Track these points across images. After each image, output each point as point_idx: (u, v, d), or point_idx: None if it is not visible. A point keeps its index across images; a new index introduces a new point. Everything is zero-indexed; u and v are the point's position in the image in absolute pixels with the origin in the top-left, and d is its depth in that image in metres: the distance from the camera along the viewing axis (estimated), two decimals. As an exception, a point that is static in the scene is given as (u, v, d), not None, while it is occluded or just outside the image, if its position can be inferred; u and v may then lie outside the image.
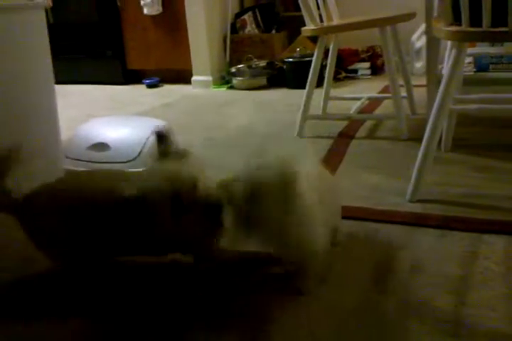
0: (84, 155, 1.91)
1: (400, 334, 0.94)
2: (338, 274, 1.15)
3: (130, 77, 3.82)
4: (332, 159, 1.88)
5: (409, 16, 2.10)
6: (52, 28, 1.82)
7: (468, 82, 2.17)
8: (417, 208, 1.43)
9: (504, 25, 1.28)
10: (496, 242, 1.23)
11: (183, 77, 3.67)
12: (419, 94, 2.29)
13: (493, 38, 1.37)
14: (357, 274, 1.14)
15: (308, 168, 1.04)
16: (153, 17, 3.58)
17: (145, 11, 3.54)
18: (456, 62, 1.38)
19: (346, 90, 3.07)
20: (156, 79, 3.70)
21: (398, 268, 1.16)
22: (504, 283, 1.07)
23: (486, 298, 1.03)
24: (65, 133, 1.95)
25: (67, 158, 1.93)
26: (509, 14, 1.26)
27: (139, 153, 1.85)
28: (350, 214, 1.40)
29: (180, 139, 1.23)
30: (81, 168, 1.90)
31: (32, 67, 1.73)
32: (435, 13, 1.81)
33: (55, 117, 1.87)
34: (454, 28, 1.35)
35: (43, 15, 1.76)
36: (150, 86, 3.66)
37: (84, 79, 3.82)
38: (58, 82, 1.89)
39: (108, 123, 2.10)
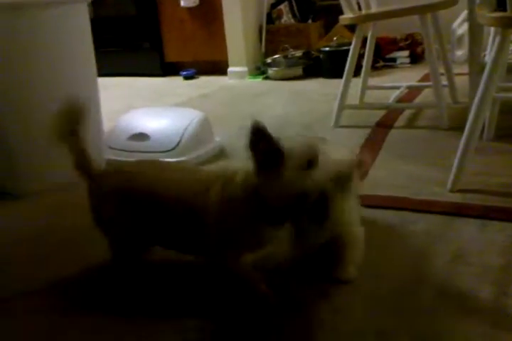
0: (125, 145, 1.97)
1: (436, 323, 0.94)
2: (374, 263, 1.15)
3: (167, 69, 3.88)
4: (370, 148, 1.87)
5: (451, 3, 2.04)
6: (92, 22, 1.87)
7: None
8: (458, 198, 1.41)
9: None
10: (539, 233, 1.20)
11: (219, 68, 3.70)
12: (461, 82, 2.23)
13: (539, 23, 1.32)
14: (394, 264, 1.14)
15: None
16: (189, 9, 3.62)
17: (182, 3, 3.58)
18: (501, 49, 1.34)
19: (385, 79, 3.03)
20: (192, 70, 3.74)
21: (437, 258, 1.15)
22: (548, 275, 1.05)
23: (528, 288, 1.01)
24: (106, 124, 2.01)
25: (109, 148, 1.99)
26: (558, -2, 1.21)
27: (178, 143, 1.89)
28: (388, 203, 1.39)
29: (217, 129, 1.24)
30: (122, 157, 1.95)
31: (76, 61, 1.79)
32: (478, 0, 1.76)
33: (98, 109, 1.92)
34: (498, 14, 1.31)
35: (86, 9, 1.81)
36: (187, 77, 3.71)
37: (123, 72, 3.90)
38: (99, 75, 1.94)
39: (147, 114, 2.15)
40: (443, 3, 2.02)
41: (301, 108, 2.57)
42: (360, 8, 2.12)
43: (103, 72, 2.65)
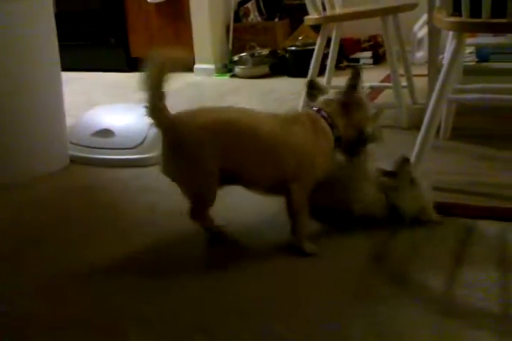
0: (89, 141, 1.95)
1: (390, 310, 0.99)
2: (335, 252, 1.20)
3: (133, 64, 3.83)
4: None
5: (411, 6, 2.11)
6: (56, 16, 1.84)
7: (469, 72, 2.20)
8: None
9: (503, 16, 1.31)
10: (489, 227, 1.27)
11: (185, 64, 3.68)
12: (421, 83, 2.31)
13: (492, 29, 1.39)
14: (354, 252, 1.19)
15: None
16: (156, 5, 3.59)
17: (148, -2, 3.55)
18: (456, 53, 1.41)
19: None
20: (158, 66, 3.71)
21: (393, 251, 1.21)
22: (495, 266, 1.12)
23: (477, 280, 1.07)
24: (68, 120, 1.98)
25: (72, 143, 1.97)
26: (508, 5, 1.28)
27: (143, 140, 1.88)
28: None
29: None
30: (85, 154, 1.94)
31: (40, 55, 1.76)
32: (437, 4, 1.83)
33: (60, 104, 1.90)
34: (453, 19, 1.37)
35: (50, 3, 1.78)
36: (153, 73, 3.67)
37: (88, 67, 3.84)
38: (62, 69, 1.91)
39: (112, 110, 2.13)
40: (404, 6, 2.09)
41: (267, 106, 2.61)
42: (324, 9, 2.16)
43: (67, 67, 2.61)
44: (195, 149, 1.16)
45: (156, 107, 1.16)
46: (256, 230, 1.35)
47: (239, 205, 1.46)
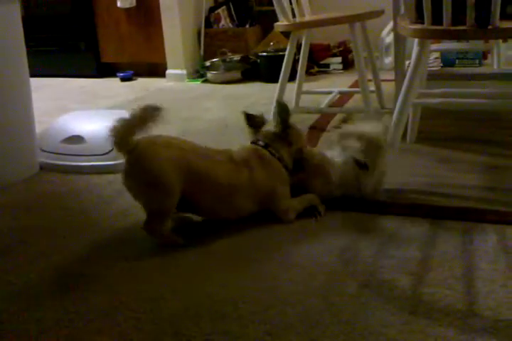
0: (59, 148, 1.93)
1: (359, 309, 1.01)
2: (306, 254, 1.22)
3: (104, 70, 3.81)
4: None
5: (378, 13, 2.17)
6: (24, 21, 1.82)
7: (434, 77, 2.27)
8: (382, 196, 1.51)
9: (463, 23, 1.36)
10: (453, 227, 1.32)
11: (157, 70, 3.68)
12: (390, 88, 2.37)
13: (453, 36, 1.45)
14: (324, 255, 1.22)
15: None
16: (126, 10, 3.58)
17: (118, 3, 3.53)
18: (419, 59, 1.46)
19: (318, 84, 3.15)
20: (129, 72, 3.70)
21: (362, 252, 1.24)
22: (460, 265, 1.16)
23: (442, 278, 1.11)
24: (38, 126, 1.96)
25: (42, 150, 1.95)
26: (468, 13, 1.34)
27: (115, 146, 1.87)
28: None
29: (156, 131, 1.28)
30: (55, 160, 1.92)
31: (7, 61, 1.73)
32: (402, 11, 1.89)
33: (30, 110, 1.88)
34: (416, 26, 1.42)
35: (17, 8, 1.76)
36: (124, 79, 3.66)
37: (57, 72, 3.79)
38: (31, 75, 1.89)
39: (83, 116, 2.12)
40: (371, 14, 2.15)
41: (239, 111, 2.62)
42: (294, 16, 2.20)
43: (36, 72, 2.58)
44: (159, 173, 1.26)
45: (122, 131, 1.25)
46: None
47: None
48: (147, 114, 1.26)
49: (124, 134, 1.25)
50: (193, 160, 1.31)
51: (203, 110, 2.71)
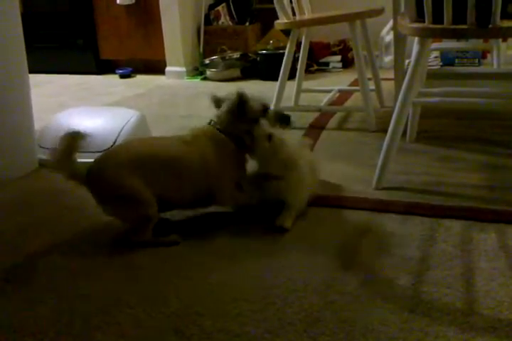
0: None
1: (359, 307, 1.01)
2: (306, 252, 1.22)
3: (103, 66, 3.79)
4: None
5: (378, 12, 2.17)
6: (23, 17, 1.81)
7: (434, 76, 2.27)
8: (383, 195, 1.51)
9: (464, 22, 1.36)
10: (453, 226, 1.32)
11: (156, 67, 3.67)
12: (389, 87, 2.37)
13: (453, 35, 1.45)
14: (325, 254, 1.21)
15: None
16: (126, 7, 3.56)
17: (118, 0, 3.52)
18: (419, 57, 1.46)
19: (318, 82, 3.14)
20: (128, 69, 3.69)
21: (363, 250, 1.24)
22: (460, 264, 1.16)
23: (442, 277, 1.11)
24: (37, 123, 1.95)
25: (41, 147, 1.94)
26: (468, 12, 1.33)
27: (114, 143, 1.87)
28: (320, 201, 1.46)
29: (154, 129, 1.28)
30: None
31: (6, 57, 1.73)
32: (402, 10, 1.89)
33: (28, 107, 1.87)
34: (416, 25, 1.42)
35: (16, 4, 1.75)
36: (123, 76, 3.65)
37: (56, 69, 3.77)
38: (30, 72, 1.88)
39: (82, 113, 2.11)
40: (371, 12, 2.14)
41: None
42: (294, 14, 2.19)
43: (35, 69, 2.57)
44: (119, 184, 1.26)
45: (65, 160, 1.26)
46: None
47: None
48: (74, 142, 1.26)
49: (69, 164, 1.25)
50: (147, 156, 1.30)
51: (202, 108, 2.71)
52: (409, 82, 1.47)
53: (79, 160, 1.82)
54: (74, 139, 1.26)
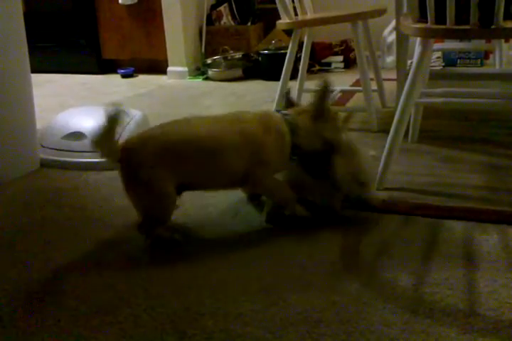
0: (60, 144, 1.92)
1: (361, 308, 1.01)
2: (307, 252, 1.22)
3: (105, 66, 3.79)
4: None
5: (380, 12, 2.16)
6: (26, 16, 1.81)
7: (437, 77, 2.26)
8: (384, 196, 1.50)
9: (467, 23, 1.36)
10: (455, 227, 1.32)
11: (158, 67, 3.67)
12: (391, 87, 2.36)
13: (456, 35, 1.45)
14: (326, 253, 1.21)
15: None
16: (128, 7, 3.56)
17: (120, 0, 3.52)
18: (422, 58, 1.46)
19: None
20: (130, 69, 3.69)
21: (364, 250, 1.24)
22: (461, 265, 1.16)
23: (444, 278, 1.11)
24: (39, 122, 1.96)
25: (43, 147, 1.94)
26: (471, 13, 1.33)
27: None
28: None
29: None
30: (56, 157, 1.91)
31: (8, 56, 1.73)
32: (405, 10, 1.88)
33: (31, 106, 1.87)
34: (419, 25, 1.41)
35: (18, 3, 1.75)
36: (125, 76, 3.65)
37: (58, 69, 3.77)
38: (32, 71, 1.88)
39: (84, 112, 2.11)
40: (373, 12, 2.14)
41: (240, 109, 2.61)
42: (296, 14, 2.19)
43: (37, 69, 2.58)
44: (146, 174, 1.21)
45: (105, 139, 1.21)
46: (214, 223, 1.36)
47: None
48: (118, 117, 1.21)
49: (108, 144, 1.21)
50: (182, 143, 1.24)
51: (204, 107, 2.71)
52: (411, 83, 1.46)
53: (74, 160, 1.83)
54: (115, 118, 1.20)
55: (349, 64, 3.54)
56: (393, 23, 3.10)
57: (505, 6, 1.31)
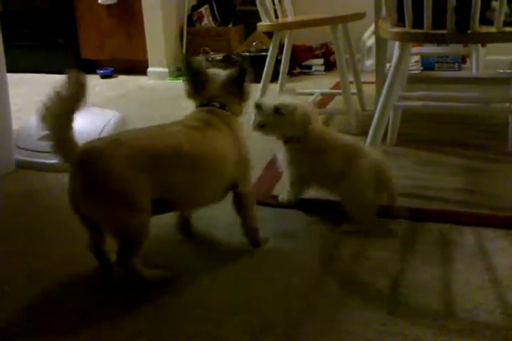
0: (36, 145, 1.89)
1: (340, 309, 1.02)
2: (288, 255, 1.21)
3: (83, 66, 3.74)
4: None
5: (360, 16, 2.18)
6: (2, 15, 1.78)
7: (415, 80, 2.29)
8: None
9: (444, 27, 1.38)
10: (433, 229, 1.33)
11: (138, 68, 3.64)
12: (371, 90, 2.38)
13: (433, 40, 1.47)
14: (305, 256, 1.22)
15: None
16: (108, 6, 3.52)
17: (100, 0, 3.48)
18: (400, 61, 1.47)
19: (300, 85, 3.14)
20: (110, 69, 3.64)
21: (342, 252, 1.24)
22: (438, 266, 1.17)
23: (421, 279, 1.12)
24: (15, 122, 1.92)
25: (18, 148, 1.90)
26: (448, 17, 1.35)
27: (93, 144, 1.84)
28: (302, 207, 1.46)
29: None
30: (32, 158, 1.87)
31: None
32: (383, 14, 1.90)
33: (6, 106, 1.83)
34: (397, 29, 1.43)
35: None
36: (104, 76, 3.61)
37: (36, 68, 3.71)
38: (9, 71, 1.85)
39: (61, 113, 2.07)
40: (353, 16, 2.16)
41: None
42: (277, 16, 2.20)
43: (14, 68, 2.53)
44: (119, 184, 1.00)
45: (63, 140, 1.03)
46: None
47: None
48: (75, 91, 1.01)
49: (60, 123, 1.02)
50: (166, 151, 1.07)
51: (185, 109, 2.69)
52: (389, 86, 1.48)
53: (51, 161, 1.75)
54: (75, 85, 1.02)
55: (330, 67, 3.56)
56: (373, 27, 3.14)
57: (481, 11, 1.33)
